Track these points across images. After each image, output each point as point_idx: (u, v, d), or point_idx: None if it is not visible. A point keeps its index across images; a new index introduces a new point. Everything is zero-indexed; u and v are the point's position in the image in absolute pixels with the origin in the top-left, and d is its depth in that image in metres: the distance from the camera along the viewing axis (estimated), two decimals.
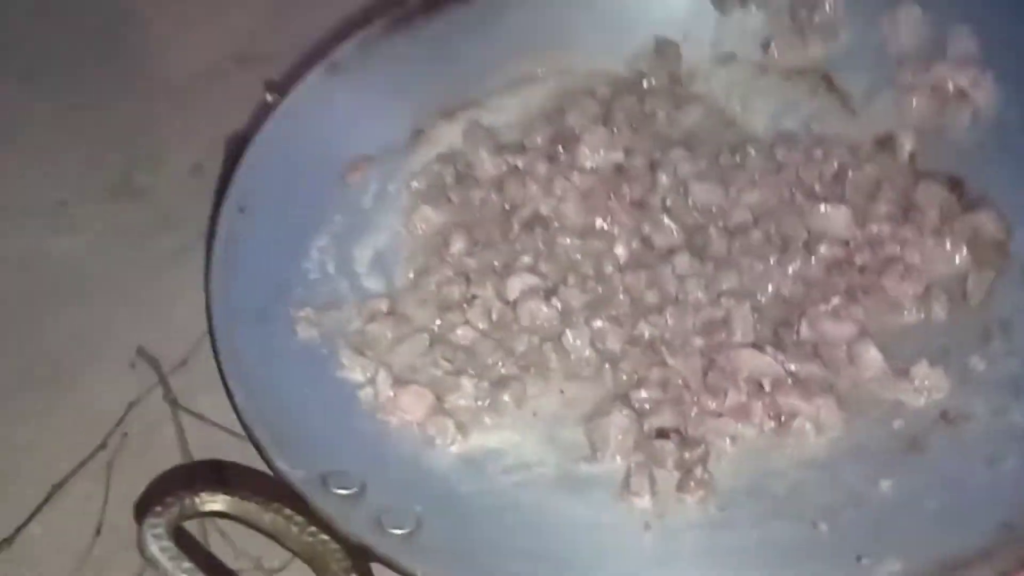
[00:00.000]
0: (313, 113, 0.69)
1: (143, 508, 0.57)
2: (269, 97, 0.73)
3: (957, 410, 0.55)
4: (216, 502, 0.50)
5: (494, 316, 0.62)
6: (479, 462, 0.56)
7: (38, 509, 0.65)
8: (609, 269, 0.64)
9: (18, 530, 0.63)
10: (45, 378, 0.73)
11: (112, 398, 0.70)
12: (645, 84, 0.72)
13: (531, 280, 0.63)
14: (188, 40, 0.91)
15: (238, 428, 0.63)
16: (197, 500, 0.50)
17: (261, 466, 0.55)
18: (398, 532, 0.51)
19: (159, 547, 0.47)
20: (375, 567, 0.51)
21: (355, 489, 0.53)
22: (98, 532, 0.64)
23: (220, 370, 0.57)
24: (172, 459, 0.66)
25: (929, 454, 0.54)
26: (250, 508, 0.50)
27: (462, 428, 0.57)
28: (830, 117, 0.70)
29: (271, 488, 0.53)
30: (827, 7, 0.72)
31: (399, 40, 0.73)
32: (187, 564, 0.46)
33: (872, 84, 0.70)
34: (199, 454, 0.66)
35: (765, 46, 0.73)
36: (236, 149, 0.70)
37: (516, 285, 0.62)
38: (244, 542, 0.58)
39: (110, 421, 0.69)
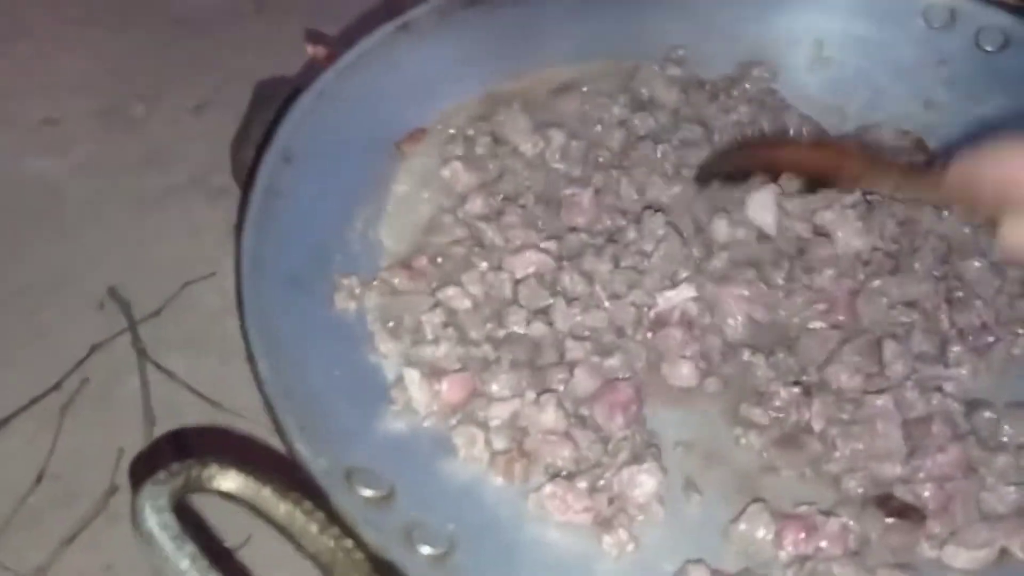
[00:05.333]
0: (377, 70, 0.63)
1: (138, 471, 0.50)
2: (311, 49, 0.67)
3: None
4: (227, 479, 0.42)
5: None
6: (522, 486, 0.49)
7: None
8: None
9: None
10: (6, 302, 0.67)
11: (75, 337, 0.65)
12: (736, 91, 0.66)
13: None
14: None
15: (208, 392, 0.60)
16: (206, 473, 0.42)
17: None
18: (428, 551, 0.44)
19: (159, 522, 0.39)
20: None
21: (383, 492, 0.46)
22: (39, 479, 0.58)
23: (244, 333, 0.49)
24: (132, 413, 0.61)
25: None
26: (264, 495, 0.43)
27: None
28: None
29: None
30: None
31: (478, 12, 0.66)
32: (190, 548, 0.39)
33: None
34: (162, 414, 0.61)
35: None
36: (264, 95, 0.63)
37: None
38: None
39: (69, 362, 0.63)
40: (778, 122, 0.65)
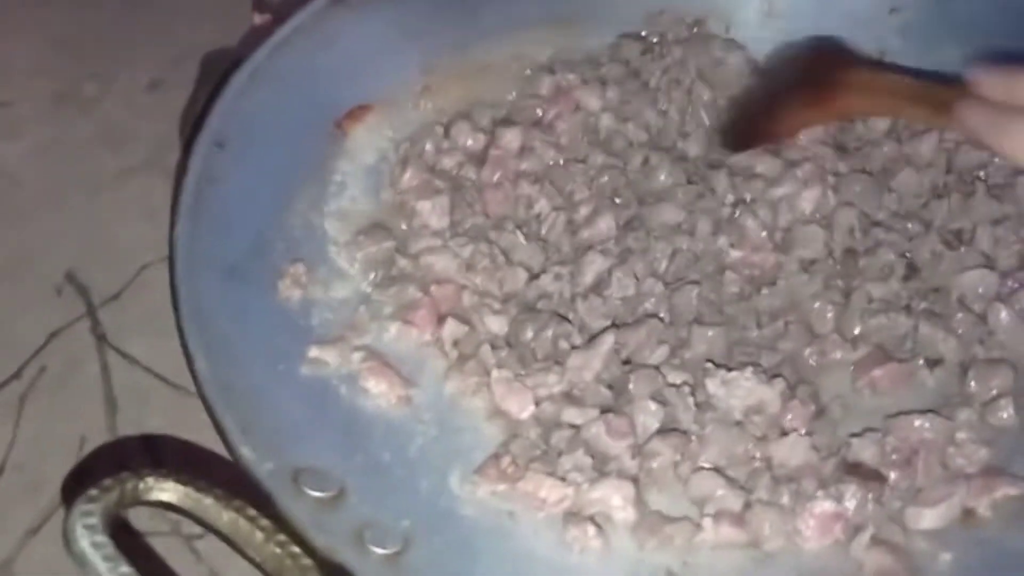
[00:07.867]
0: (312, 46, 0.60)
1: (71, 488, 0.47)
2: (258, 18, 0.64)
3: None
4: (165, 490, 0.41)
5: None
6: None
7: None
8: None
9: None
10: None
11: (33, 324, 0.63)
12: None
13: None
14: None
15: (171, 377, 0.58)
16: (142, 485, 0.40)
17: (206, 441, 0.48)
18: (381, 551, 0.43)
19: (91, 542, 0.37)
20: None
21: (333, 492, 0.44)
22: (0, 471, 0.57)
23: (180, 330, 0.47)
24: (93, 400, 0.60)
25: None
26: (206, 504, 0.41)
27: None
28: None
29: (222, 477, 0.44)
30: None
31: None
32: (125, 569, 0.37)
33: None
34: (124, 399, 0.60)
35: None
36: (212, 69, 0.62)
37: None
38: None
39: (28, 350, 0.62)
40: (709, 55, 0.64)
